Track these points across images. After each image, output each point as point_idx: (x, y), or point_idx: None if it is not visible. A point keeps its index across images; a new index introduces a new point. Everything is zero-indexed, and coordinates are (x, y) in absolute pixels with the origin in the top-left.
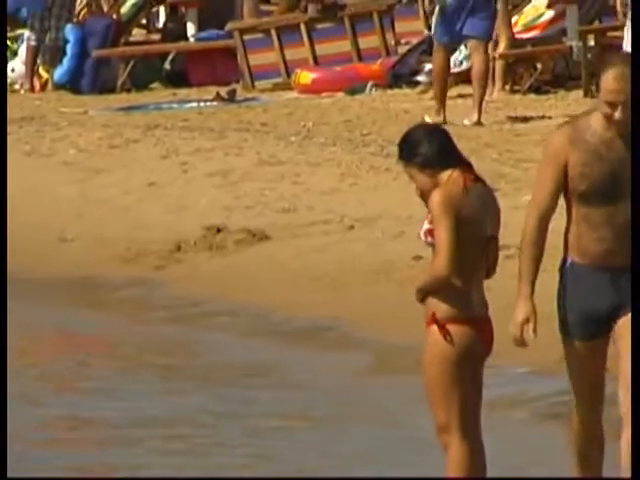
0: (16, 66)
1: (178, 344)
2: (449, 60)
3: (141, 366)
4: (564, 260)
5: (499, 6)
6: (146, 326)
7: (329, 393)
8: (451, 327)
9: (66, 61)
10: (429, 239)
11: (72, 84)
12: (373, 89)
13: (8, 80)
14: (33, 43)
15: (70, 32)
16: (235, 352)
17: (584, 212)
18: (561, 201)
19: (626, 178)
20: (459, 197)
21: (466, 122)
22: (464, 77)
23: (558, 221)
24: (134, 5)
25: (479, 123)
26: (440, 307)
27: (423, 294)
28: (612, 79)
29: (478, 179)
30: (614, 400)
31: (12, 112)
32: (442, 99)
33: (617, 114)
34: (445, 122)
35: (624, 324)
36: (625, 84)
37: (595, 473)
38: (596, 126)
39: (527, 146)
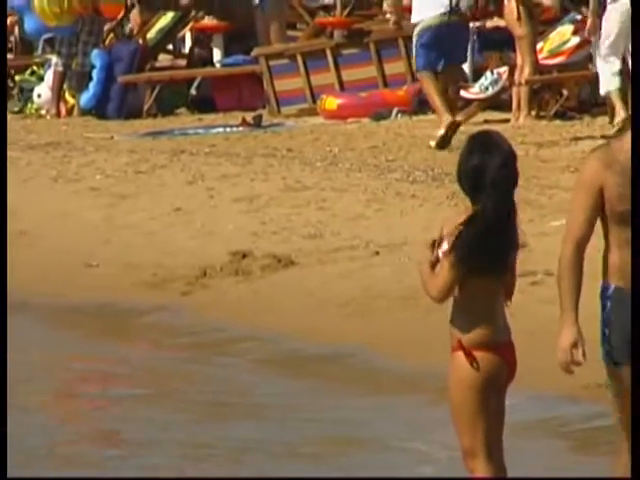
0: (42, 91)
1: (200, 371)
2: (435, 79)
3: (163, 394)
4: (605, 286)
5: (523, 31)
6: (171, 352)
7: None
8: (477, 353)
9: (92, 86)
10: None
11: (98, 109)
12: (399, 115)
13: (34, 105)
14: (60, 69)
15: (97, 58)
16: (255, 379)
17: (625, 235)
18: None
19: None
20: None
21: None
22: (490, 103)
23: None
24: (160, 31)
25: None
26: (466, 334)
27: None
28: None
29: None
30: None
31: (39, 137)
32: (445, 107)
33: None
34: (455, 121)
35: None
36: None
37: None
38: (628, 146)
39: (553, 172)
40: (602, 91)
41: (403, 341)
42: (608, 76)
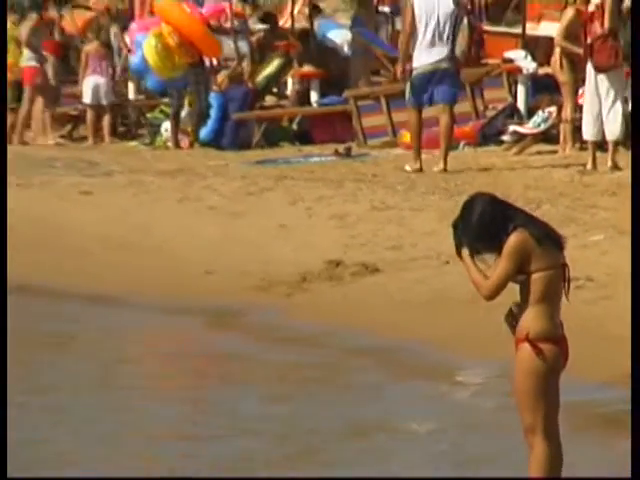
0: (169, 127)
1: (298, 360)
2: (421, 119)
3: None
4: None
5: (565, 78)
6: (275, 344)
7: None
8: (542, 345)
9: (210, 123)
10: None
11: (215, 142)
12: (465, 147)
13: (162, 138)
14: (173, 110)
15: (214, 98)
16: (344, 365)
17: None
18: None
19: None
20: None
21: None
22: (542, 137)
23: (613, 255)
24: (267, 76)
25: (445, 170)
26: (533, 327)
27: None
28: None
29: None
30: None
31: (167, 165)
32: (418, 150)
33: None
34: (421, 169)
35: None
36: None
37: None
38: None
39: (594, 195)
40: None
41: (466, 337)
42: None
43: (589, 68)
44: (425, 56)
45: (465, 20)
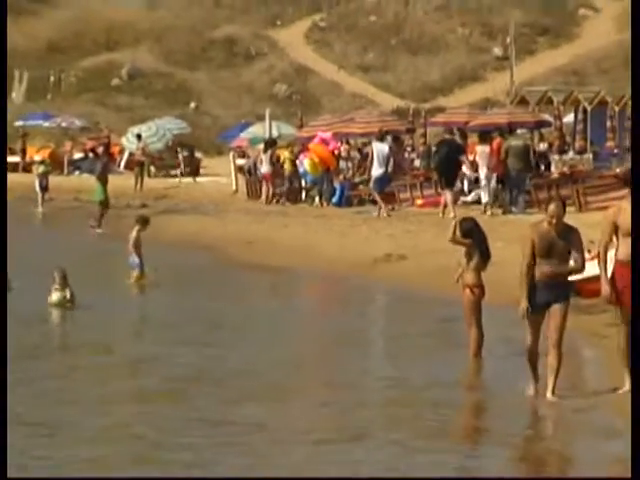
0: (317, 198)
1: (399, 317)
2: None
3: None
4: None
5: None
6: (377, 305)
7: None
8: (474, 289)
9: (336, 196)
10: None
11: (337, 204)
12: None
13: (315, 201)
14: (319, 189)
15: (338, 185)
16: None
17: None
18: None
19: None
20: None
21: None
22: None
23: None
24: (361, 179)
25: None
26: (471, 280)
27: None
28: None
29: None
30: None
31: (317, 213)
32: None
33: None
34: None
35: None
36: None
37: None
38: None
39: None
40: None
41: (449, 284)
42: None
43: None
44: None
45: None
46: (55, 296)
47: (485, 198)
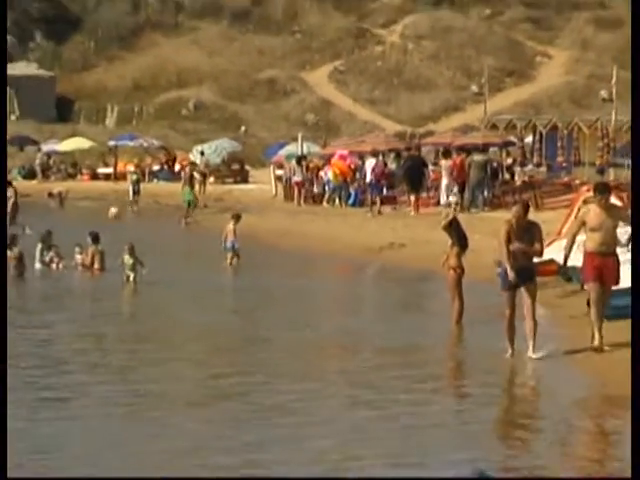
0: (337, 200)
1: (399, 294)
2: None
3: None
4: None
5: None
6: (389, 282)
7: None
8: (457, 270)
9: (351, 197)
10: None
11: (352, 205)
12: None
13: (337, 203)
14: (338, 194)
15: (353, 192)
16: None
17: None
18: None
19: None
20: None
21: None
22: None
23: None
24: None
25: None
26: (454, 262)
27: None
28: None
29: None
30: None
31: (335, 212)
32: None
33: None
34: None
35: None
36: None
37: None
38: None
39: None
40: None
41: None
42: None
43: None
44: None
45: None
46: (126, 259)
47: (447, 199)
